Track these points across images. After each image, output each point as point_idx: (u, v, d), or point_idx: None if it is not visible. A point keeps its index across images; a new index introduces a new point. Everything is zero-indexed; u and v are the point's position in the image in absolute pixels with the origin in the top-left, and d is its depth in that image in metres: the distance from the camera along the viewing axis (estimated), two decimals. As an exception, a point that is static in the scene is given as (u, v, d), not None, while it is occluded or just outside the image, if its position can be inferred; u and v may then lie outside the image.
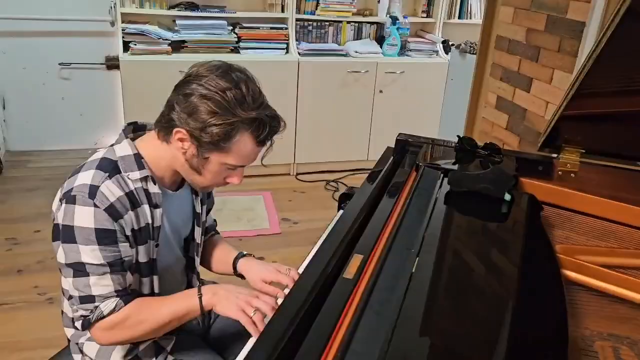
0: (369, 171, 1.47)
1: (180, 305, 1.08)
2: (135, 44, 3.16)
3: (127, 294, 1.08)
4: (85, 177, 1.03)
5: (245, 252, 1.34)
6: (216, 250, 1.40)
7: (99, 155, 1.10)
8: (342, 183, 3.60)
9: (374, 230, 1.17)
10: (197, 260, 1.32)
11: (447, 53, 3.73)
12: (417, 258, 1.02)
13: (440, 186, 1.34)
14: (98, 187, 1.02)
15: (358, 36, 3.76)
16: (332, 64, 3.48)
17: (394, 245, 1.07)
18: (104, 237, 1.02)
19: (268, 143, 1.09)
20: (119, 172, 1.06)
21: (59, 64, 3.57)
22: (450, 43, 3.77)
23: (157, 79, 3.15)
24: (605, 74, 1.20)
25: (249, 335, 1.05)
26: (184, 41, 3.26)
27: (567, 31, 1.88)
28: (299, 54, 3.45)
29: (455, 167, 1.46)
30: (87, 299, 1.04)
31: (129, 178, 1.07)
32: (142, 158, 1.10)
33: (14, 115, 3.65)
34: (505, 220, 1.15)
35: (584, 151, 1.47)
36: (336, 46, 3.61)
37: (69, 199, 1.02)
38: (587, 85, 1.20)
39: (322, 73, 3.46)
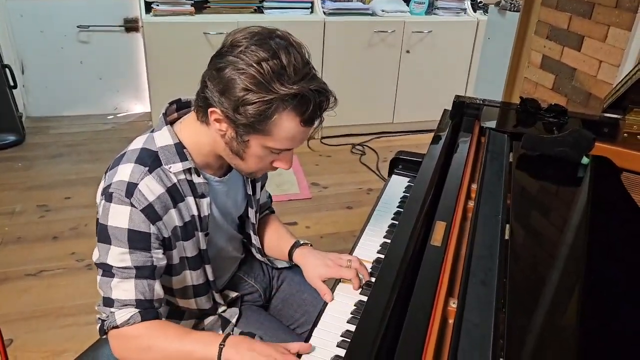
0: (394, 134, 1.42)
1: (197, 348, 0.96)
2: (158, 5, 3.06)
3: (147, 308, 0.98)
4: (124, 172, 0.95)
5: (302, 242, 1.24)
6: (271, 234, 1.31)
7: (139, 143, 1.00)
8: (368, 147, 3.54)
9: (450, 196, 1.14)
10: (254, 237, 1.27)
11: (475, 11, 3.61)
12: (507, 225, 0.98)
13: (511, 150, 1.30)
14: (137, 184, 0.94)
15: (383, -6, 3.63)
16: (358, 23, 3.37)
17: (480, 211, 1.04)
18: (136, 240, 0.95)
19: (317, 122, 0.93)
20: (160, 164, 0.97)
21: (77, 27, 3.47)
22: (478, 1, 3.65)
23: (181, 41, 3.06)
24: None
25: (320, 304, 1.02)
26: (206, 1, 3.16)
27: (626, -15, 1.80)
28: (324, 13, 3.34)
29: (522, 130, 1.41)
30: (107, 301, 0.97)
31: (170, 171, 0.98)
32: (184, 148, 1.00)
33: (32, 80, 3.57)
34: (589, 184, 1.12)
35: (653, 112, 1.42)
36: (362, 5, 3.48)
37: (107, 196, 0.95)
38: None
39: (348, 33, 3.36)
